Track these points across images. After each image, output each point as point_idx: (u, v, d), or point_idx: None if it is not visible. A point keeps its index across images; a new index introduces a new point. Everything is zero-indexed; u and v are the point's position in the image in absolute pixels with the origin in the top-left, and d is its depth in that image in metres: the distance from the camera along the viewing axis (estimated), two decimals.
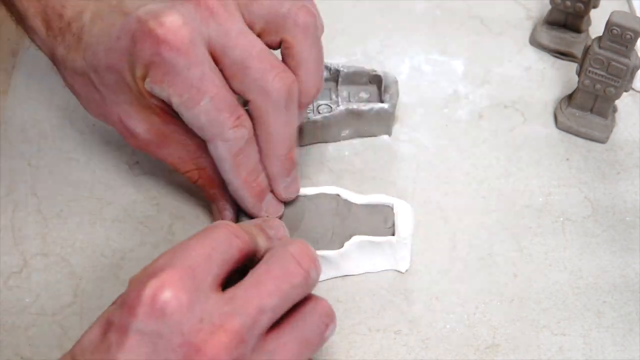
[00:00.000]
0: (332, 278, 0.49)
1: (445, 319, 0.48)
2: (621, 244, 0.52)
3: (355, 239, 0.48)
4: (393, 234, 0.49)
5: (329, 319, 0.40)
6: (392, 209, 0.49)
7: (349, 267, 0.49)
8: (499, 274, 0.50)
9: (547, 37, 0.62)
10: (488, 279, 0.50)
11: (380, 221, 0.49)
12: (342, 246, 0.48)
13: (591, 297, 0.50)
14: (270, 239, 0.43)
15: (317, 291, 0.49)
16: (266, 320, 0.37)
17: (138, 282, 0.36)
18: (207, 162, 0.48)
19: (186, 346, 0.35)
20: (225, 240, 0.38)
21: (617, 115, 0.58)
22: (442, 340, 0.47)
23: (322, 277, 0.49)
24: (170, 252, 0.38)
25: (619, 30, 0.51)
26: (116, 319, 0.35)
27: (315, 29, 0.46)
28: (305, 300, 0.40)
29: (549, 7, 0.61)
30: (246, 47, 0.44)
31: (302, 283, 0.38)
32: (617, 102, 0.57)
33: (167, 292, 0.35)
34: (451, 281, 0.50)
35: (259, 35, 0.45)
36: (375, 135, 0.57)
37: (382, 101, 0.55)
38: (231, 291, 0.37)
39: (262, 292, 0.37)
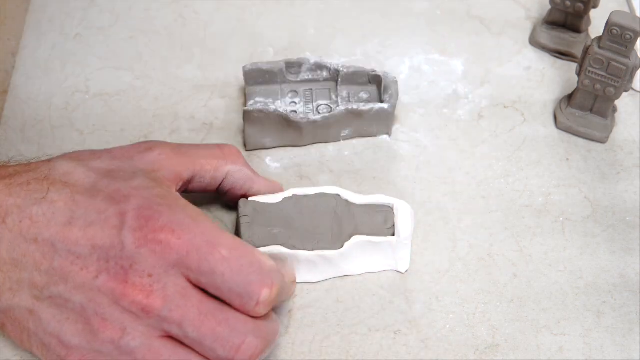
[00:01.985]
0: (332, 278, 0.49)
1: (445, 319, 0.48)
2: (621, 244, 0.52)
3: (355, 239, 0.48)
4: (393, 234, 0.49)
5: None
6: (392, 209, 0.49)
7: (349, 267, 0.49)
8: (498, 274, 0.50)
9: (547, 37, 0.62)
10: (488, 279, 0.50)
11: (380, 221, 0.49)
12: (342, 246, 0.48)
13: (591, 297, 0.50)
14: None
15: (317, 291, 0.49)
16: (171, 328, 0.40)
17: None
18: None
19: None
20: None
21: (617, 115, 0.58)
22: (442, 340, 0.47)
23: (322, 277, 0.49)
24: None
25: (618, 30, 0.51)
26: None
27: None
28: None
29: (549, 7, 0.61)
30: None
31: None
32: (617, 102, 0.57)
33: None
34: (451, 281, 0.50)
35: None
36: (375, 135, 0.57)
37: (382, 101, 0.55)
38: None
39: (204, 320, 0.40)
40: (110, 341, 0.39)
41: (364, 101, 0.56)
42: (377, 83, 0.56)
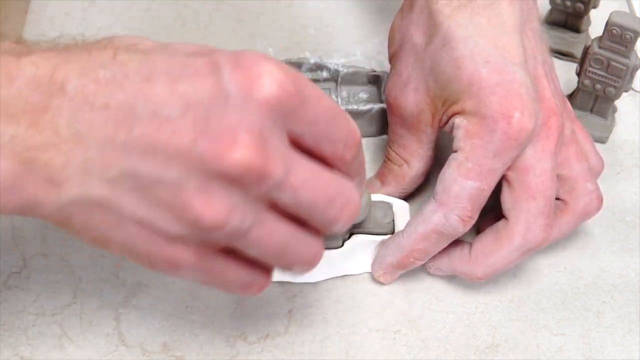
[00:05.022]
0: (332, 278, 0.49)
1: (445, 319, 0.48)
2: (621, 244, 0.52)
3: (356, 237, 0.48)
4: (392, 232, 0.49)
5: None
6: (391, 207, 0.50)
7: (350, 266, 0.49)
8: (498, 273, 0.50)
9: (547, 37, 0.62)
10: (488, 279, 0.50)
11: (379, 217, 0.49)
12: (342, 245, 0.48)
13: (591, 297, 0.50)
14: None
15: (317, 291, 0.49)
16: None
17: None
18: (416, 164, 0.50)
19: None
20: None
21: (616, 115, 0.58)
22: (442, 340, 0.47)
23: (322, 276, 0.49)
24: None
25: (618, 30, 0.51)
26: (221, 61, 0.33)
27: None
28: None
29: (549, 7, 0.62)
30: None
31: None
32: (616, 102, 0.57)
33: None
34: (451, 281, 0.50)
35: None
36: (375, 135, 0.57)
37: (381, 101, 0.55)
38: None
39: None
40: (217, 226, 0.32)
41: (364, 101, 0.56)
42: (377, 83, 0.56)
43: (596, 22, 0.61)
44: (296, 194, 0.33)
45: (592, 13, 0.61)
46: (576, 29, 0.62)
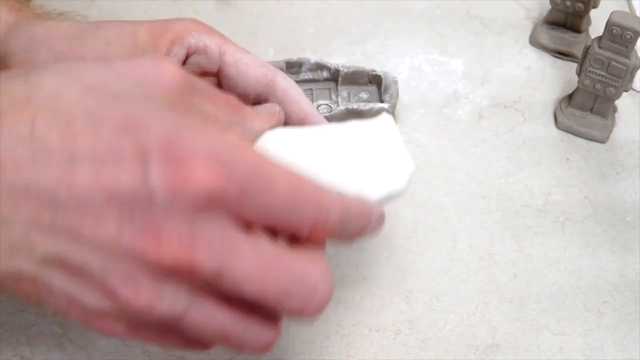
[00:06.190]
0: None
1: (445, 319, 0.48)
2: (621, 244, 0.52)
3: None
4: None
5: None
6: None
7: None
8: (499, 274, 0.50)
9: (547, 37, 0.62)
10: (488, 279, 0.50)
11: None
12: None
13: (591, 297, 0.50)
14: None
15: None
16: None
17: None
18: None
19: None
20: None
21: (617, 115, 0.58)
22: (442, 340, 0.47)
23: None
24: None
25: (619, 30, 0.51)
26: None
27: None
28: None
29: (549, 7, 0.62)
30: None
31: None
32: (617, 102, 0.57)
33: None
34: (451, 281, 0.50)
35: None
36: None
37: (382, 101, 0.55)
38: None
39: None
40: (146, 311, 0.31)
41: (364, 101, 0.56)
42: (377, 83, 0.56)
43: (596, 22, 0.62)
44: (238, 286, 0.32)
45: (592, 13, 0.61)
46: (576, 29, 0.62)
